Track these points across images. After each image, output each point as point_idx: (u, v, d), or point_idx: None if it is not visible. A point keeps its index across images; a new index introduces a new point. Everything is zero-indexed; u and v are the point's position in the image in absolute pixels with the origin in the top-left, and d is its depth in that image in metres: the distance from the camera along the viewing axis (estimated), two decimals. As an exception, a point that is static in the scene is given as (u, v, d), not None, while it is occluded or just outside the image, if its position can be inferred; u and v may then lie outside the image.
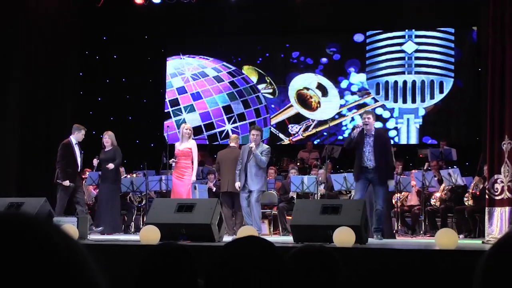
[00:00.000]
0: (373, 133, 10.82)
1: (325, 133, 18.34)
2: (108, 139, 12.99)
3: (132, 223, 14.03)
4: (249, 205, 11.54)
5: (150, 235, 8.63)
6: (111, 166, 12.68)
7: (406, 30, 18.59)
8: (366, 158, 10.66)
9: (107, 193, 12.79)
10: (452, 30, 18.32)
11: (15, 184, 13.99)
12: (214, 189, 14.12)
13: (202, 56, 19.67)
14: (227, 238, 9.99)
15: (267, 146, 11.93)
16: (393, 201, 13.70)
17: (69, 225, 9.06)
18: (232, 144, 12.95)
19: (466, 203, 12.71)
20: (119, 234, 12.60)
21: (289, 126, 19.11)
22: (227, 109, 19.37)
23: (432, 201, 13.34)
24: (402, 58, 18.61)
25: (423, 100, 18.35)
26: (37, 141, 14.42)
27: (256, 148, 11.52)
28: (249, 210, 11.53)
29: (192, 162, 12.36)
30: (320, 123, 18.79)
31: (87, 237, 9.78)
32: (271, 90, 19.36)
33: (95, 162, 12.98)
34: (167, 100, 19.53)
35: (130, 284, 2.99)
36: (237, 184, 11.68)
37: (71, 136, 12.45)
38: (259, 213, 11.75)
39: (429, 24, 18.31)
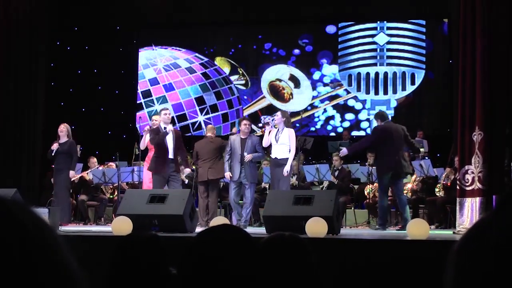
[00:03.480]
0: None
1: (297, 125, 18.37)
2: (63, 128, 12.67)
3: (104, 214, 14.02)
4: (238, 195, 11.76)
5: (122, 226, 8.60)
6: (72, 173, 12.62)
7: (378, 22, 18.66)
8: None
9: (64, 185, 12.56)
10: (424, 22, 18.42)
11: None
12: (186, 181, 14.09)
13: (175, 47, 19.59)
14: (199, 229, 9.98)
15: (257, 137, 12.18)
16: (365, 192, 13.80)
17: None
18: (209, 134, 12.98)
19: (437, 194, 12.81)
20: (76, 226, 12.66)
21: (262, 117, 19.11)
22: (200, 100, 19.33)
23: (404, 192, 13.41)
24: (374, 50, 18.68)
25: (395, 92, 18.44)
26: (7, 132, 14.26)
27: (248, 138, 11.88)
28: (238, 200, 11.76)
29: None
30: (293, 114, 18.79)
31: (58, 228, 9.72)
32: (243, 82, 19.35)
33: (55, 146, 12.52)
34: (139, 91, 19.44)
35: (102, 275, 2.98)
36: (228, 174, 11.84)
37: (160, 122, 11.86)
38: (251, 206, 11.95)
39: (400, 16, 18.39)
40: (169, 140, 11.49)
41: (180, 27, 19.30)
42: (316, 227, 8.17)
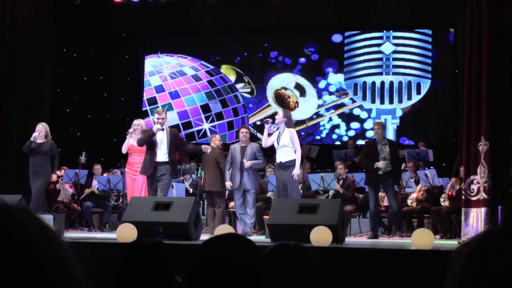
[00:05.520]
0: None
1: (302, 133, 18.34)
2: (42, 128, 12.11)
3: (109, 221, 14.04)
4: (243, 204, 11.73)
5: (126, 233, 8.60)
6: (54, 177, 12.05)
7: (384, 31, 18.65)
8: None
9: (39, 189, 12.02)
10: (430, 32, 18.41)
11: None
12: (191, 190, 14.12)
13: (180, 55, 19.62)
14: (205, 237, 9.97)
15: (257, 144, 12.13)
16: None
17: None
18: (211, 144, 13.00)
19: (443, 204, 12.78)
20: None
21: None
22: (205, 108, 19.34)
23: (409, 202, 13.39)
24: (380, 59, 18.67)
25: (400, 101, 18.43)
26: (12, 138, 14.26)
27: (248, 146, 11.83)
28: (243, 209, 11.73)
29: None
30: (298, 123, 18.77)
31: (63, 234, 9.72)
32: (249, 90, 19.36)
33: (35, 135, 12.00)
34: (145, 98, 19.46)
35: (107, 281, 2.97)
36: (228, 184, 11.84)
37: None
38: (254, 214, 11.91)
39: (406, 26, 18.39)
40: (160, 141, 11.09)
41: (186, 35, 19.34)
42: (320, 236, 8.16)
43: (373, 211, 11.70)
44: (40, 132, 12.06)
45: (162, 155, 11.03)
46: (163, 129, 11.12)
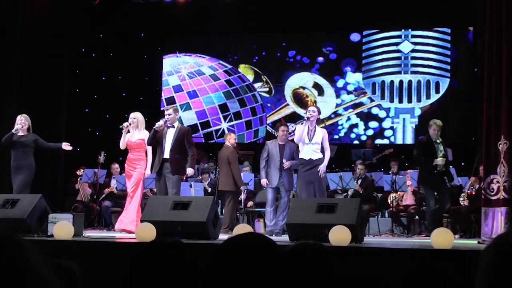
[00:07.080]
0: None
1: (321, 132, 18.34)
2: (25, 121, 11.68)
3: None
4: (274, 203, 11.71)
5: (146, 232, 8.61)
6: (67, 145, 11.61)
7: (403, 30, 18.59)
8: None
9: (22, 186, 11.45)
10: (449, 30, 18.33)
11: (9, 180, 13.33)
12: (209, 189, 14.13)
13: (199, 55, 19.65)
14: (223, 237, 9.98)
15: (295, 144, 12.05)
16: (389, 200, 13.73)
17: (64, 222, 9.04)
18: (226, 142, 13.01)
19: (462, 203, 12.72)
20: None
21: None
22: (223, 108, 19.36)
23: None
24: (398, 58, 18.61)
25: (419, 100, 18.36)
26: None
27: (286, 145, 11.88)
28: (273, 205, 11.71)
29: (146, 155, 11.69)
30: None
31: (82, 234, 9.74)
32: (267, 89, 19.36)
33: (18, 127, 11.61)
34: (163, 98, 19.51)
35: (125, 280, 2.98)
36: (264, 181, 11.82)
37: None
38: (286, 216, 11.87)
39: (425, 24, 18.31)
40: (168, 139, 11.10)
41: (204, 35, 19.36)
42: (339, 236, 8.14)
43: (433, 209, 11.49)
44: (24, 125, 11.69)
45: (166, 152, 11.04)
46: (173, 126, 11.17)
